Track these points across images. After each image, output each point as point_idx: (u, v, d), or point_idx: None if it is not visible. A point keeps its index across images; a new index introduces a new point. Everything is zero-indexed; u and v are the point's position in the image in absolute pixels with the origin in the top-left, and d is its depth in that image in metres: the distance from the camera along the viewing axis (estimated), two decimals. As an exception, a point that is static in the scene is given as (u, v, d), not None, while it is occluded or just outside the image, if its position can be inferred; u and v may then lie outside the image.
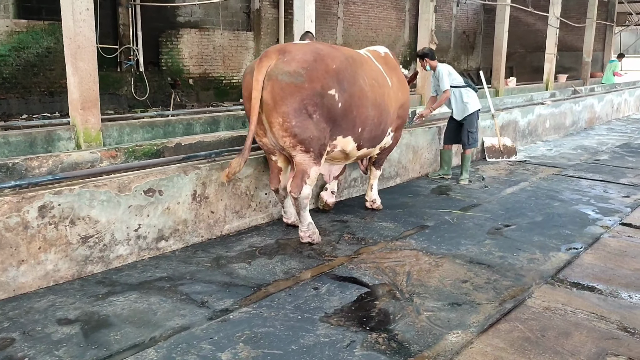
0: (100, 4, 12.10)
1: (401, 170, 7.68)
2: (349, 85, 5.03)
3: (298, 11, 9.22)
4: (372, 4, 19.65)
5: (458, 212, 6.32)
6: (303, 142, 4.80)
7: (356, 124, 5.22)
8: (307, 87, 4.69)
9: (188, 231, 5.06)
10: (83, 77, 6.37)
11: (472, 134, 7.59)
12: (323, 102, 4.79)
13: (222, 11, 14.96)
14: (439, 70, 7.46)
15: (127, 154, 5.53)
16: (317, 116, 4.79)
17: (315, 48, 4.98)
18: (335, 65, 4.95)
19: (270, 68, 4.72)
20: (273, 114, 4.74)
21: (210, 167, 5.18)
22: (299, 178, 4.95)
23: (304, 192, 4.95)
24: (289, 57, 4.77)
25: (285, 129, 4.75)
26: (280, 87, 4.67)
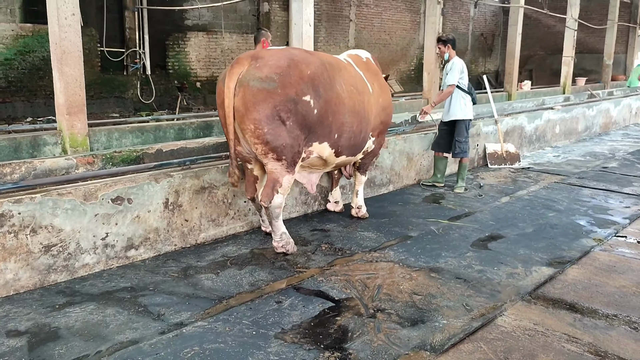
0: (107, 8, 12.22)
1: (394, 178, 7.51)
2: (325, 91, 4.90)
3: (296, 14, 9.12)
4: (385, 7, 19.46)
5: (446, 222, 6.13)
6: (275, 149, 4.67)
7: (332, 130, 5.08)
8: (280, 93, 4.57)
9: (160, 240, 4.98)
10: (69, 82, 6.34)
11: (459, 144, 7.38)
12: (297, 108, 4.66)
13: (230, 14, 14.95)
14: (453, 62, 7.23)
15: (104, 160, 5.48)
16: (291, 123, 4.66)
17: (289, 54, 4.85)
18: (310, 71, 4.81)
19: (242, 74, 4.61)
20: (245, 120, 4.60)
21: (184, 175, 5.10)
22: (270, 187, 4.82)
23: (275, 201, 4.82)
24: (262, 63, 4.64)
25: (257, 136, 4.61)
26: (252, 94, 4.54)
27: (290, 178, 4.89)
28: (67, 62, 6.32)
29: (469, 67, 24.00)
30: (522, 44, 15.92)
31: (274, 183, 4.81)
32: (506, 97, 15.01)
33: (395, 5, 19.88)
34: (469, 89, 7.42)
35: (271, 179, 4.82)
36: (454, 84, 7.21)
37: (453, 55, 7.32)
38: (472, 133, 8.86)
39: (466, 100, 7.32)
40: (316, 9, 16.91)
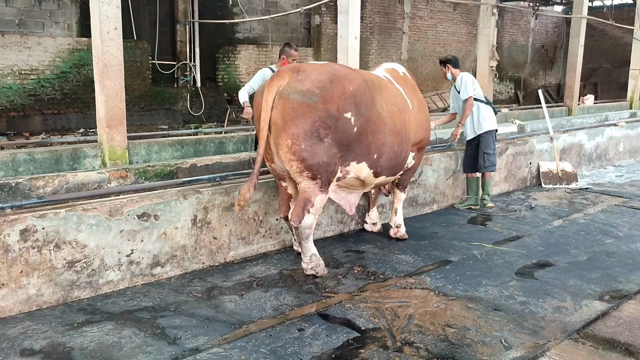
0: (159, 22, 12.46)
1: (438, 197, 7.17)
2: (366, 110, 4.69)
3: (342, 27, 8.93)
4: (440, 18, 19.06)
5: (490, 246, 5.75)
6: (311, 167, 4.44)
7: (371, 150, 4.83)
8: (320, 108, 4.36)
9: (187, 257, 4.87)
10: (109, 95, 6.38)
11: (488, 156, 6.97)
12: (337, 125, 4.45)
13: (281, 27, 14.97)
14: (461, 78, 6.91)
15: (137, 174, 5.45)
16: (329, 140, 4.44)
17: (331, 69, 4.67)
18: (352, 87, 4.61)
19: (282, 87, 4.42)
20: (282, 135, 4.39)
21: (214, 191, 4.97)
22: (301, 206, 4.59)
23: (305, 221, 4.60)
24: (303, 76, 4.46)
25: (293, 152, 4.40)
26: (292, 107, 4.34)
27: (324, 198, 4.66)
28: (109, 75, 6.36)
29: (527, 80, 23.22)
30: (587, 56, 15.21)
31: (305, 202, 4.59)
32: (566, 112, 14.33)
33: (451, 17, 19.44)
34: (486, 100, 7.04)
35: (303, 198, 4.61)
36: (471, 96, 6.85)
37: (457, 74, 7.00)
38: (524, 150, 8.43)
39: (487, 110, 6.96)
40: (368, 21, 16.75)
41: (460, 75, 6.89)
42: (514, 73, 22.65)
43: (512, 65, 22.51)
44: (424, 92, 17.97)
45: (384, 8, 17.11)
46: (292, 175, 4.58)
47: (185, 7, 12.73)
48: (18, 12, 10.72)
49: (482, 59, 11.63)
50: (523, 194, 8.17)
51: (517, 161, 8.34)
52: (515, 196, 8.02)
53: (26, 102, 10.78)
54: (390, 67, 5.85)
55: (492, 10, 11.36)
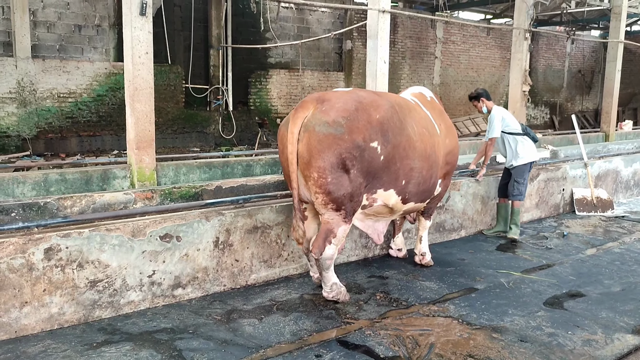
0: (194, 47, 12.73)
1: (466, 222, 7.03)
2: (394, 136, 4.60)
3: (371, 52, 9.03)
4: (473, 43, 18.98)
5: (518, 274, 5.58)
6: (336, 200, 4.37)
7: (399, 176, 4.74)
8: (347, 139, 4.28)
9: (209, 279, 4.87)
10: (139, 117, 6.52)
11: (518, 184, 6.80)
12: (363, 155, 4.37)
13: (313, 52, 15.13)
14: (492, 113, 6.81)
15: (163, 195, 5.51)
16: (355, 171, 4.36)
17: (356, 96, 4.59)
18: (379, 115, 4.54)
19: (307, 119, 4.38)
20: (308, 168, 4.34)
21: (236, 214, 4.98)
22: (322, 238, 4.50)
23: (326, 252, 4.50)
24: (328, 106, 4.40)
25: (319, 185, 4.34)
26: (318, 140, 4.28)
27: (346, 228, 4.58)
28: (139, 99, 6.50)
29: (564, 105, 22.82)
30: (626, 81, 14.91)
31: (327, 234, 4.51)
32: (603, 138, 14.00)
33: (485, 42, 19.34)
34: (524, 130, 6.88)
35: (325, 230, 4.52)
36: (494, 137, 6.75)
37: (491, 106, 6.87)
38: (557, 177, 8.23)
39: (525, 143, 6.82)
40: (400, 46, 16.79)
41: (492, 113, 6.79)
42: (549, 98, 22.31)
43: (547, 90, 22.19)
44: (456, 117, 17.85)
45: (416, 33, 17.14)
46: (316, 206, 4.53)
47: (219, 33, 13.00)
48: (59, 37, 11.12)
49: (514, 84, 11.48)
50: (555, 221, 7.95)
51: (549, 187, 8.14)
52: (547, 223, 7.81)
53: (64, 124, 11.10)
54: (417, 92, 5.79)
55: (524, 34, 11.25)
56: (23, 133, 10.68)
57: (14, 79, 10.45)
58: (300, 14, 14.77)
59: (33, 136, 10.75)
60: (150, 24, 6.69)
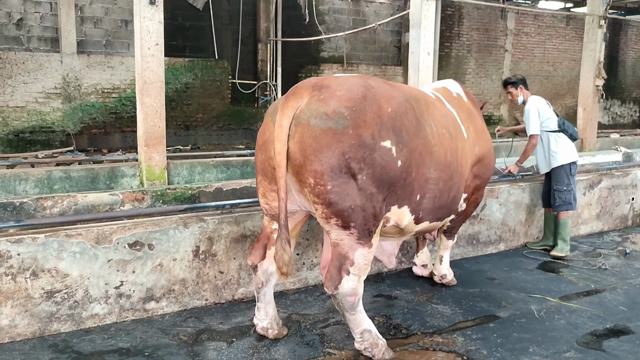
0: (242, 41, 12.41)
1: (507, 235, 6.15)
2: (410, 137, 3.63)
3: (413, 42, 8.25)
4: (550, 35, 17.51)
5: (555, 300, 4.71)
6: (340, 213, 3.41)
7: (414, 190, 3.75)
8: (351, 135, 3.34)
9: (187, 293, 4.39)
10: (148, 113, 6.18)
11: (560, 193, 5.81)
12: (374, 157, 3.41)
13: (369, 45, 14.42)
14: (527, 107, 5.88)
15: (154, 197, 5.10)
16: (364, 177, 3.39)
17: (364, 83, 3.62)
18: (391, 108, 3.57)
19: (301, 109, 3.43)
20: (302, 172, 3.41)
21: (221, 220, 4.47)
22: (335, 266, 3.52)
23: (344, 286, 3.49)
24: (327, 94, 3.45)
25: (317, 194, 3.39)
26: (313, 136, 3.34)
27: (365, 252, 3.54)
28: (148, 93, 6.16)
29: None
30: None
31: (340, 260, 3.52)
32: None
33: (563, 33, 17.79)
34: (561, 126, 5.89)
35: (337, 255, 3.54)
36: (536, 134, 5.83)
37: (527, 97, 5.96)
38: (625, 184, 7.13)
39: (560, 140, 5.86)
40: (465, 39, 15.74)
41: (527, 105, 5.88)
42: (639, 94, 20.30)
43: (637, 85, 20.18)
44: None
45: (483, 24, 15.99)
46: (319, 221, 3.58)
47: (268, 26, 12.60)
48: (105, 33, 11.13)
49: (585, 77, 10.24)
50: (620, 235, 6.87)
51: (614, 196, 7.06)
52: (609, 238, 6.76)
53: (107, 119, 11.10)
54: (440, 86, 4.95)
55: (598, 22, 10.00)
56: (67, 128, 10.77)
57: (59, 75, 10.53)
58: (356, 6, 14.11)
59: (77, 131, 10.81)
60: (160, 14, 6.36)
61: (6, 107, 10.16)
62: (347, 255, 3.51)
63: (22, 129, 10.37)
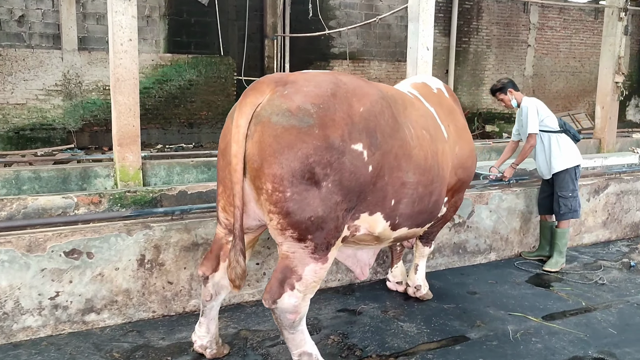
0: (249, 37, 12.14)
1: (498, 244, 5.70)
2: (384, 138, 3.28)
3: (412, 37, 7.83)
4: (577, 28, 16.72)
5: (537, 320, 4.27)
6: (298, 225, 3.03)
7: (387, 195, 3.39)
8: (317, 135, 2.97)
9: (132, 304, 4.11)
10: (121, 111, 5.94)
11: (565, 200, 5.32)
12: (342, 162, 3.03)
13: (383, 41, 13.97)
14: (523, 106, 5.41)
15: (112, 200, 4.84)
16: (330, 185, 3.02)
17: (334, 79, 3.26)
18: (364, 106, 3.21)
19: (262, 106, 3.06)
20: (260, 176, 3.01)
21: (169, 227, 4.17)
22: (279, 278, 3.14)
23: (284, 301, 3.12)
24: (292, 89, 3.09)
25: (274, 201, 3.00)
26: (274, 135, 2.97)
27: (318, 268, 3.16)
28: (121, 90, 5.92)
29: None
30: None
31: (286, 273, 3.14)
32: None
33: (591, 27, 16.97)
34: (562, 126, 5.40)
35: (283, 267, 3.16)
36: (534, 133, 5.33)
37: (521, 98, 5.49)
38: (636, 189, 6.58)
39: (563, 142, 5.37)
40: (485, 34, 15.14)
41: (523, 104, 5.42)
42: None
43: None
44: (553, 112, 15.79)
45: (504, 18, 15.35)
46: (271, 233, 3.17)
47: (275, 22, 12.30)
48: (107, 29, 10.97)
49: (604, 73, 9.62)
50: (628, 245, 6.33)
51: (623, 202, 6.51)
52: (615, 248, 6.22)
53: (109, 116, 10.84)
54: (420, 82, 4.54)
55: (618, 14, 9.36)
56: (68, 126, 10.68)
57: (60, 72, 10.45)
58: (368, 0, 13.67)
59: (78, 129, 10.72)
60: (134, 8, 6.07)
61: (6, 104, 10.12)
62: (295, 270, 3.15)
63: (22, 126, 10.33)
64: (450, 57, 14.41)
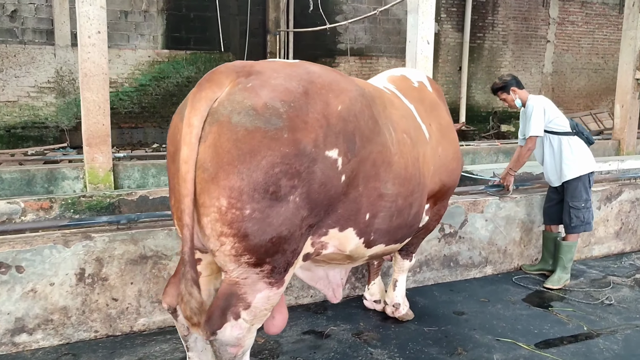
0: (250, 33, 11.72)
1: (495, 256, 5.16)
2: (363, 143, 2.76)
3: (411, 30, 7.37)
4: (600, 23, 15.94)
5: (528, 348, 3.73)
6: (257, 249, 2.47)
7: (362, 208, 2.86)
8: (286, 140, 2.43)
9: (70, 323, 3.69)
10: (90, 109, 5.57)
11: (577, 211, 4.75)
12: (313, 171, 2.51)
13: (392, 37, 13.43)
14: (529, 105, 4.85)
15: (64, 206, 4.45)
16: (297, 199, 2.49)
17: (306, 71, 2.69)
18: (342, 104, 2.67)
19: (219, 101, 2.46)
20: (210, 189, 2.42)
21: (112, 238, 3.74)
22: (221, 306, 2.57)
23: (226, 333, 2.56)
24: (258, 82, 2.50)
25: (229, 221, 2.41)
26: (234, 138, 2.39)
27: (272, 294, 2.64)
28: (89, 87, 5.55)
29: None
30: None
31: (231, 300, 2.57)
32: None
33: (615, 22, 16.15)
34: (574, 127, 4.82)
35: (228, 293, 2.58)
36: (535, 135, 4.78)
37: (526, 97, 4.91)
38: (654, 195, 5.96)
39: (575, 146, 4.79)
40: (501, 29, 14.48)
41: (529, 103, 4.85)
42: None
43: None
44: (573, 111, 15.06)
45: (522, 13, 14.66)
46: (219, 259, 2.54)
47: (277, 17, 11.86)
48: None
49: (624, 69, 8.98)
50: None
51: (639, 210, 5.90)
52: (628, 262, 5.63)
53: (104, 115, 10.64)
54: (398, 75, 4.00)
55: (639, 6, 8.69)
56: (61, 124, 10.39)
57: (52, 68, 10.16)
58: (378, -6, 13.14)
59: (71, 127, 10.41)
60: (103, -2, 5.69)
61: (-3, 102, 9.88)
62: (243, 297, 2.57)
63: (13, 124, 10.06)
64: (463, 53, 13.79)
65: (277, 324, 3.02)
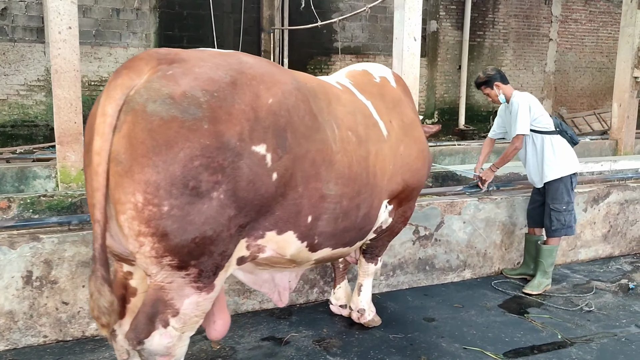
0: (244, 31, 11.58)
1: (474, 260, 4.98)
2: (297, 140, 2.62)
3: (397, 26, 7.18)
4: (604, 21, 15.62)
5: (497, 357, 3.55)
6: (179, 250, 2.32)
7: (302, 210, 2.72)
8: (207, 132, 2.28)
9: (17, 328, 3.56)
10: (61, 106, 5.43)
11: (558, 214, 4.56)
12: (238, 166, 2.36)
13: (389, 35, 13.18)
14: (514, 102, 4.64)
15: (23, 206, 4.32)
16: (221, 195, 2.33)
17: (236, 61, 2.57)
18: (274, 98, 2.54)
19: (136, 89, 2.32)
20: (124, 184, 2.26)
21: (62, 239, 3.61)
22: (147, 313, 2.44)
23: (154, 342, 2.44)
24: (179, 70, 2.38)
25: (146, 219, 2.25)
26: (149, 128, 2.24)
27: (202, 300, 2.50)
28: (60, 84, 5.41)
29: None
30: None
31: (157, 307, 2.44)
32: None
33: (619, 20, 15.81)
34: (558, 126, 4.62)
35: (154, 299, 2.44)
36: (521, 134, 4.57)
37: (510, 93, 4.71)
38: (645, 197, 5.74)
39: (558, 145, 4.58)
40: (501, 27, 14.23)
41: (514, 100, 4.64)
42: None
43: None
44: (576, 111, 14.79)
45: (523, 11, 14.39)
46: (139, 261, 2.39)
47: (272, 14, 11.69)
48: (95, 23, 10.56)
49: (621, 67, 8.71)
50: (632, 263, 5.51)
51: (628, 212, 5.69)
52: (615, 266, 5.41)
53: (94, 113, 10.54)
54: (360, 70, 3.80)
55: (638, 2, 8.45)
56: (51, 123, 10.25)
57: (42, 66, 10.06)
58: (374, -8, 12.94)
59: (62, 126, 10.30)
60: (74, -7, 5.54)
61: (-14, 100, 9.81)
62: (170, 303, 2.43)
63: (2, 123, 9.98)
64: (463, 52, 13.55)
65: (218, 328, 2.87)
